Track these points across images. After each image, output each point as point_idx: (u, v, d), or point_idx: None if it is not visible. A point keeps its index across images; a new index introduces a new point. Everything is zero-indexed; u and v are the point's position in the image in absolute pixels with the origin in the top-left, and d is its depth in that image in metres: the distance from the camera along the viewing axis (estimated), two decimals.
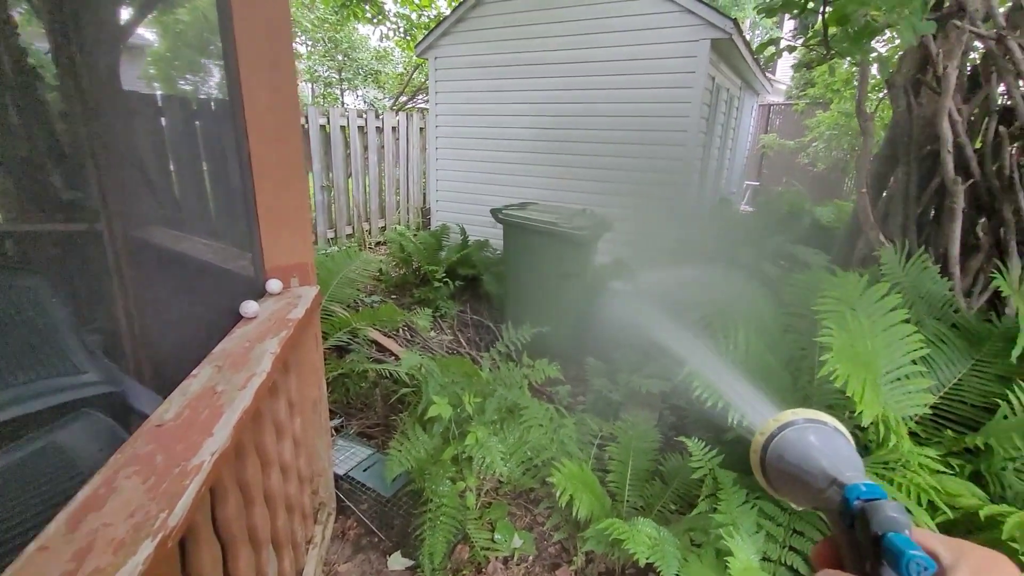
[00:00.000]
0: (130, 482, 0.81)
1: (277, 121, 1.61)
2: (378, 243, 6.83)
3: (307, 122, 5.58)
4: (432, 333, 4.34)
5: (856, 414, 1.36)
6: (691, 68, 4.47)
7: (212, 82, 1.87)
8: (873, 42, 2.08)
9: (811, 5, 2.16)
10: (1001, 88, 2.43)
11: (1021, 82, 2.22)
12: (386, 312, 2.79)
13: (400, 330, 3.99)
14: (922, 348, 1.78)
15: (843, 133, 7.87)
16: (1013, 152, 2.30)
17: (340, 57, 8.93)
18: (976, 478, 1.71)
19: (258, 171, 1.60)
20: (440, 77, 5.73)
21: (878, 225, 2.58)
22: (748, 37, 8.16)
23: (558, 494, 1.77)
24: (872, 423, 1.37)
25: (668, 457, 2.26)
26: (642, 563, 1.56)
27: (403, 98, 9.33)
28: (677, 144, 4.69)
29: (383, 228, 6.92)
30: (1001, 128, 2.31)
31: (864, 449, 1.90)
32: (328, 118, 5.81)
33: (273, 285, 1.70)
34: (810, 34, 2.51)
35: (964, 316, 2.28)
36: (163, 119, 2.13)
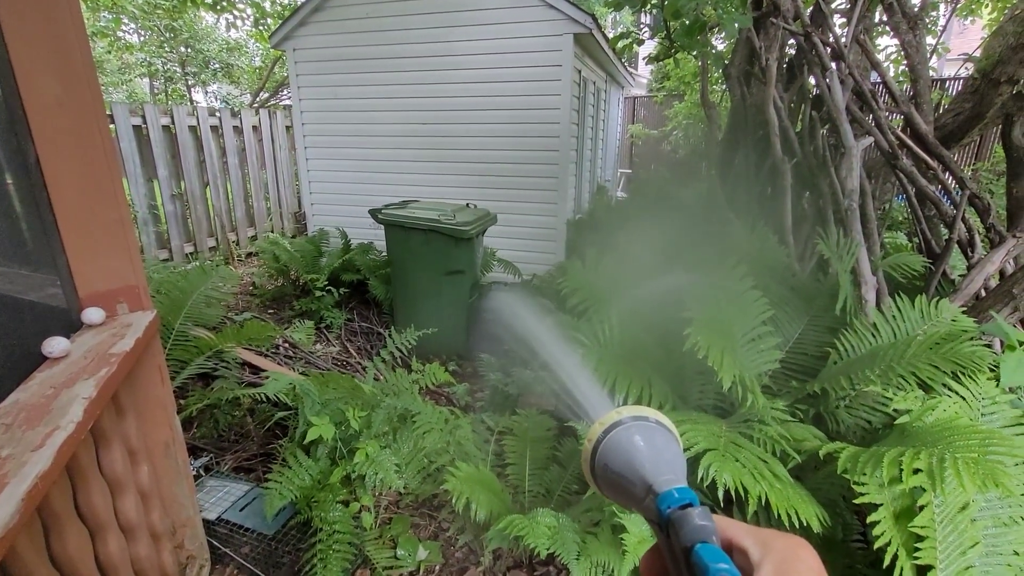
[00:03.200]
0: None
1: (75, 120, 1.34)
2: (249, 254, 6.22)
3: (145, 122, 4.88)
4: (317, 346, 4.05)
5: (718, 379, 1.48)
6: (558, 62, 4.60)
7: None
8: (713, 39, 2.27)
9: (653, 0, 2.31)
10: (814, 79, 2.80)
11: (826, 73, 2.57)
12: (253, 329, 2.51)
13: (279, 347, 3.65)
14: (768, 311, 2.00)
15: (697, 121, 8.70)
16: (824, 133, 2.67)
17: (183, 48, 7.88)
18: (818, 418, 1.96)
19: (53, 180, 1.32)
20: (301, 71, 5.32)
21: (727, 203, 2.85)
22: (611, 34, 8.67)
23: (455, 500, 1.72)
24: (732, 384, 1.50)
25: (564, 442, 2.31)
26: (543, 555, 1.56)
27: (264, 94, 8.55)
28: (552, 136, 4.82)
29: (253, 237, 6.31)
30: (814, 113, 2.66)
31: (731, 407, 2.09)
32: (173, 118, 5.13)
33: (92, 315, 1.42)
34: (657, 29, 2.69)
35: (799, 278, 2.61)
36: None
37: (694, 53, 3.17)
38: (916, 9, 3.02)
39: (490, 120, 4.91)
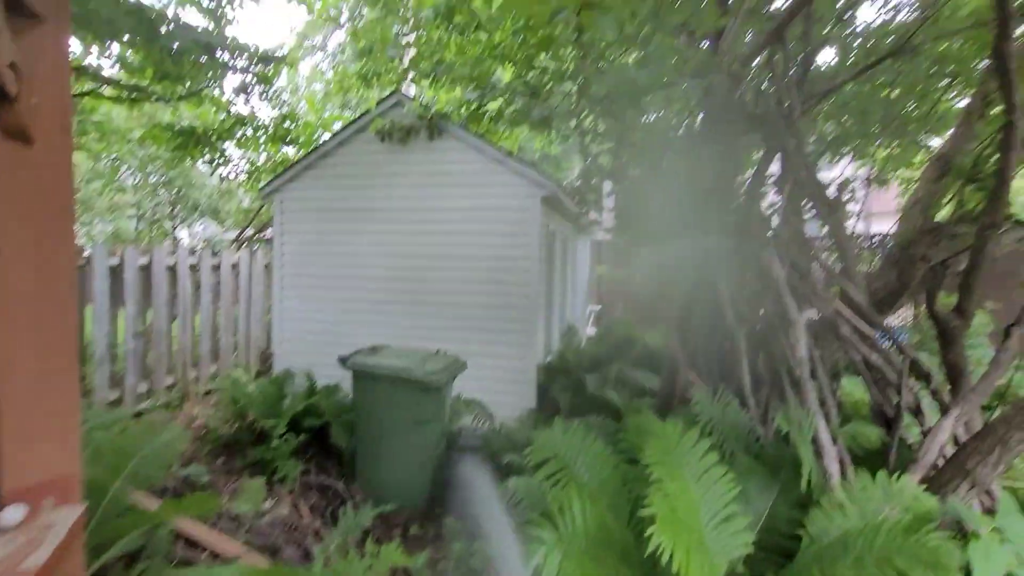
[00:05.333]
0: None
1: (45, 311, 1.36)
2: (207, 392, 5.96)
3: (122, 262, 4.95)
4: (267, 503, 3.73)
5: None
6: (528, 219, 5.02)
7: None
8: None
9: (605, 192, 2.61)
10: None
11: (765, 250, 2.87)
12: (194, 503, 2.31)
13: (223, 511, 3.34)
14: (733, 488, 1.97)
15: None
16: (771, 303, 2.89)
17: (175, 192, 8.36)
18: None
19: (4, 368, 1.30)
20: (287, 219, 5.64)
21: (688, 362, 2.95)
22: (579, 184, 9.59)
23: None
24: None
25: None
26: None
27: (250, 230, 8.92)
28: (522, 284, 5.07)
29: (215, 374, 6.10)
30: (759, 285, 2.91)
31: None
32: (152, 258, 5.24)
33: (10, 516, 1.29)
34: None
35: (764, 442, 2.62)
36: None
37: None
38: (835, 195, 3.49)
39: (464, 268, 5.17)
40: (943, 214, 3.79)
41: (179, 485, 3.71)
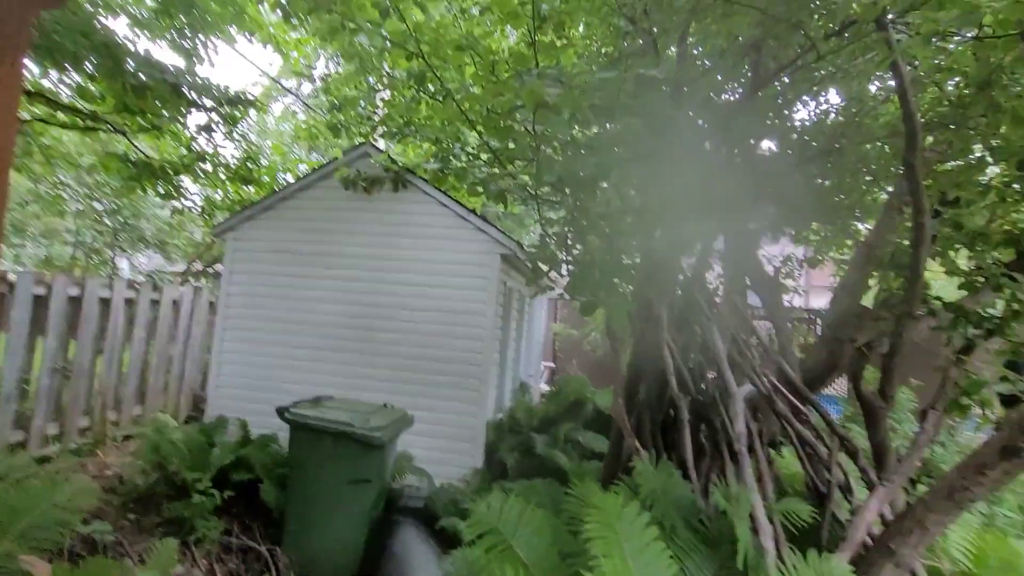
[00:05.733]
0: None
1: None
2: (127, 437, 5.49)
3: (50, 292, 4.63)
4: (178, 569, 3.39)
5: None
6: (485, 275, 5.08)
7: None
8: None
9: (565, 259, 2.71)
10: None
11: (706, 325, 3.00)
12: (91, 571, 2.07)
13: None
14: (673, 566, 1.96)
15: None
16: (712, 375, 2.99)
17: (121, 221, 7.97)
18: None
19: None
20: (237, 259, 5.47)
21: (633, 431, 2.98)
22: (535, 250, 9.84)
23: None
24: None
25: None
26: None
27: (198, 265, 8.56)
28: (476, 339, 5.05)
29: (139, 418, 5.65)
30: (701, 357, 3.02)
31: None
32: (84, 288, 4.93)
33: None
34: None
35: (704, 514, 2.64)
36: None
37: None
38: (773, 274, 3.72)
39: (418, 321, 5.12)
40: (871, 296, 4.10)
41: (80, 545, 3.34)
